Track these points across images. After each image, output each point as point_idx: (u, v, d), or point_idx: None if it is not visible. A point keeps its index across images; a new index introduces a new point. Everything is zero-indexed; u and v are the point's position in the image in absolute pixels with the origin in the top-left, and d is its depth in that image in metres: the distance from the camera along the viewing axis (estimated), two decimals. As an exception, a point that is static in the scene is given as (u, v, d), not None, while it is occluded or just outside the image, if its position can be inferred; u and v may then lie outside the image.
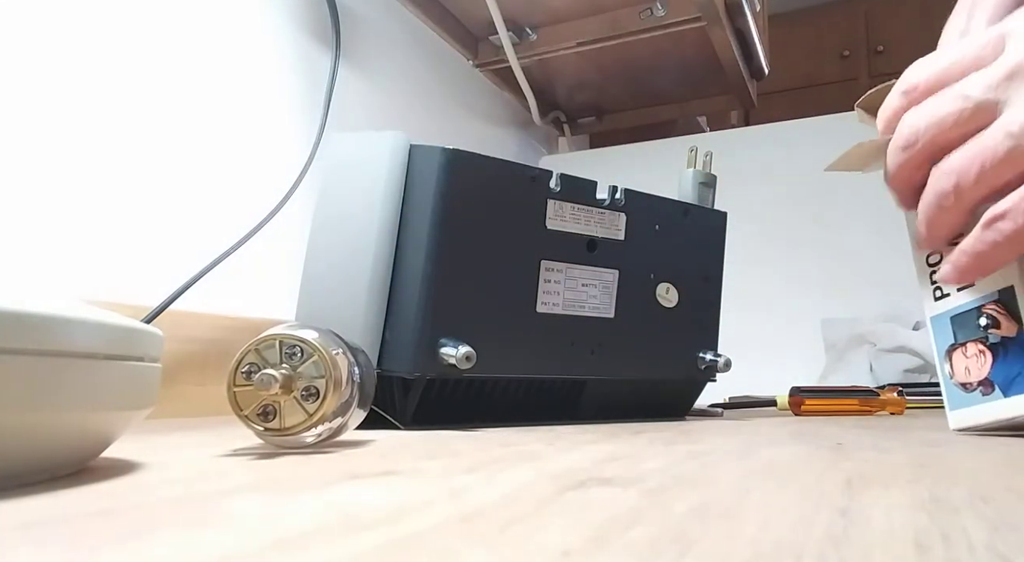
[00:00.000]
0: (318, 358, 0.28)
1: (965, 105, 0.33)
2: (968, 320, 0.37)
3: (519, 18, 0.97)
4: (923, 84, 0.35)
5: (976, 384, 0.36)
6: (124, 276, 0.53)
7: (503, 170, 0.44)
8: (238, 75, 0.65)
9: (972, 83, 0.33)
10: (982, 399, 0.36)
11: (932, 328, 0.39)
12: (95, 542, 0.14)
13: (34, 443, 0.19)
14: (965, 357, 0.37)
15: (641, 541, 0.14)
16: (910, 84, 0.36)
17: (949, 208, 0.34)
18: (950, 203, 0.34)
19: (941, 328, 0.38)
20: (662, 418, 0.53)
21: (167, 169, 0.58)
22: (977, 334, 0.36)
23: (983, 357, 0.36)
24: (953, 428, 0.38)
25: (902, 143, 0.35)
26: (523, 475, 0.22)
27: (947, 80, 0.34)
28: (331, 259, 0.43)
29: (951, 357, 0.38)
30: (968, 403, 0.37)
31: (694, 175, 0.56)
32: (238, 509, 0.17)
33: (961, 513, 0.16)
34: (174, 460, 0.26)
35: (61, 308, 0.20)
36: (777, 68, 1.18)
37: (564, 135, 1.27)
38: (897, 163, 0.36)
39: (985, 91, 0.32)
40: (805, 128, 1.01)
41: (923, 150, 0.35)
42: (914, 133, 0.35)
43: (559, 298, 0.46)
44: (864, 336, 0.84)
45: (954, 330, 0.38)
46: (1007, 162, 0.31)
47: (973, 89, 0.33)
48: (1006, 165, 0.31)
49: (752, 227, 0.92)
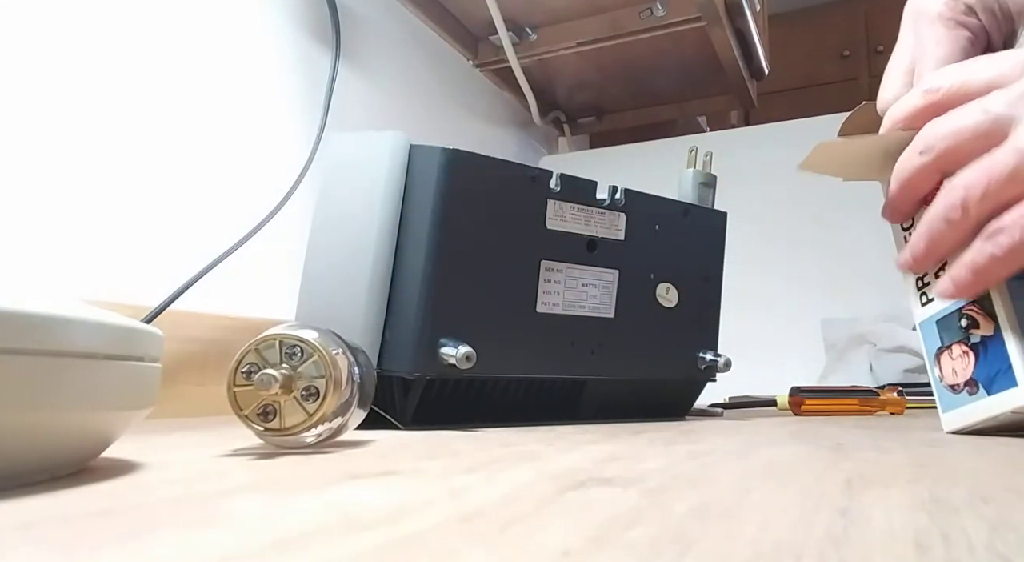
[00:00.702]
0: (318, 358, 0.28)
1: (984, 118, 0.33)
2: (951, 323, 0.38)
3: (519, 18, 0.97)
4: (947, 88, 0.35)
5: (963, 385, 0.37)
6: (124, 276, 0.53)
7: (503, 170, 0.44)
8: (238, 75, 0.65)
9: (993, 98, 0.33)
10: (969, 399, 0.37)
11: (921, 333, 0.40)
12: (95, 542, 0.14)
13: (34, 443, 0.19)
14: (951, 359, 0.38)
15: (641, 541, 0.14)
16: (934, 85, 0.36)
17: (955, 223, 0.34)
18: (957, 217, 0.33)
19: (929, 332, 0.39)
20: (662, 418, 0.53)
21: (167, 169, 0.58)
22: (960, 335, 0.37)
23: (967, 358, 0.37)
24: (947, 430, 0.38)
25: (920, 147, 0.35)
26: (523, 475, 0.22)
27: (969, 89, 0.34)
28: (331, 259, 0.43)
29: (939, 360, 0.39)
30: (958, 404, 0.38)
31: (694, 175, 0.56)
32: (238, 509, 0.17)
33: (961, 513, 0.16)
34: (174, 460, 0.26)
35: (61, 308, 0.20)
36: (777, 68, 1.18)
37: (564, 135, 1.27)
38: (911, 168, 0.36)
39: (1005, 107, 0.32)
40: (805, 128, 1.01)
41: (938, 159, 0.35)
42: (933, 140, 0.35)
43: (559, 298, 0.46)
44: (864, 336, 0.84)
45: (940, 333, 0.39)
46: (1013, 178, 0.31)
47: (994, 104, 0.33)
48: (1012, 181, 0.31)
49: (752, 227, 0.92)
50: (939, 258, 0.36)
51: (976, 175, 0.33)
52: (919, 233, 0.36)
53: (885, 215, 0.40)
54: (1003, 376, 0.35)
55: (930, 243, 0.35)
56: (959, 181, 0.33)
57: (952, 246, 0.35)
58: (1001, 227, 0.32)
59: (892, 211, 0.39)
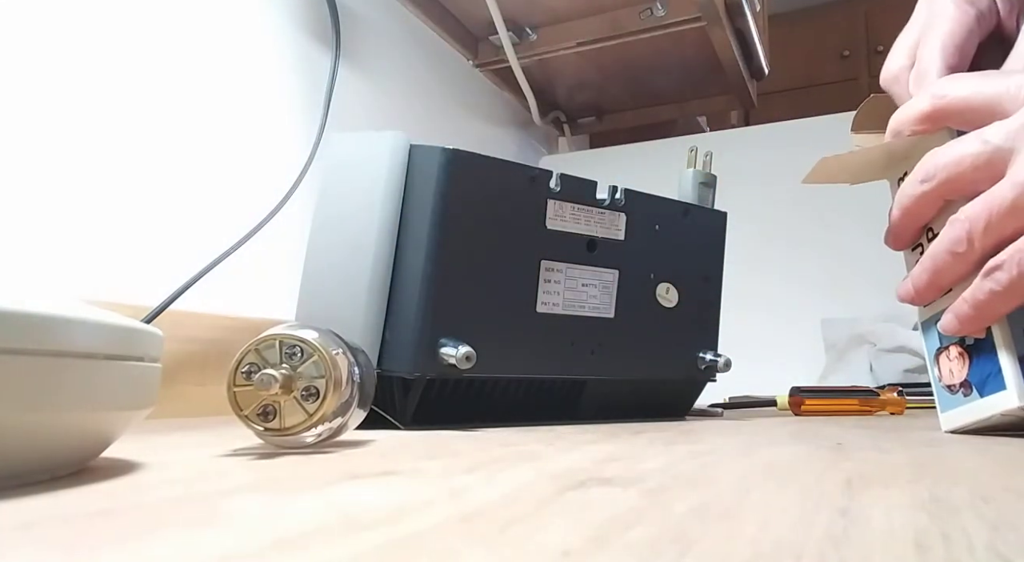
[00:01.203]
0: (318, 358, 0.28)
1: (983, 149, 0.33)
2: None
3: (519, 18, 0.97)
4: (953, 96, 0.36)
5: (959, 386, 0.38)
6: (124, 276, 0.53)
7: (503, 170, 0.44)
8: (238, 75, 0.65)
9: (993, 130, 0.34)
10: (964, 400, 0.37)
11: (923, 336, 0.41)
12: (95, 542, 0.14)
13: (34, 443, 0.19)
14: (948, 360, 0.38)
15: (641, 541, 0.14)
16: (941, 92, 0.36)
17: (961, 256, 0.35)
18: (962, 250, 0.34)
19: (929, 332, 0.40)
20: (662, 418, 0.53)
21: (167, 169, 0.58)
22: (956, 337, 0.37)
23: (962, 359, 0.37)
24: (944, 430, 0.39)
25: (921, 176, 0.36)
26: (523, 475, 0.22)
27: (973, 102, 0.35)
28: (331, 259, 0.43)
29: (938, 360, 0.39)
30: (954, 405, 0.38)
31: (694, 175, 0.56)
32: (238, 509, 0.17)
33: (961, 513, 0.16)
34: (174, 460, 0.26)
35: (61, 308, 0.20)
36: (777, 68, 1.18)
37: (564, 135, 1.27)
38: (912, 195, 0.37)
39: (1004, 139, 0.33)
40: (805, 128, 1.01)
41: (939, 187, 0.35)
42: (934, 169, 0.35)
43: (559, 298, 0.46)
44: (864, 336, 0.84)
45: (939, 335, 0.39)
46: (1012, 212, 0.32)
47: (994, 136, 0.33)
48: (1011, 215, 0.32)
49: (752, 227, 0.92)
50: (941, 290, 0.37)
51: (977, 209, 0.33)
52: (923, 266, 0.37)
53: (888, 242, 0.41)
54: (993, 379, 0.35)
55: (934, 275, 0.36)
56: (963, 215, 0.34)
57: (955, 279, 0.36)
58: (999, 264, 0.33)
59: (894, 238, 0.40)
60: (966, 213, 0.34)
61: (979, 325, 0.36)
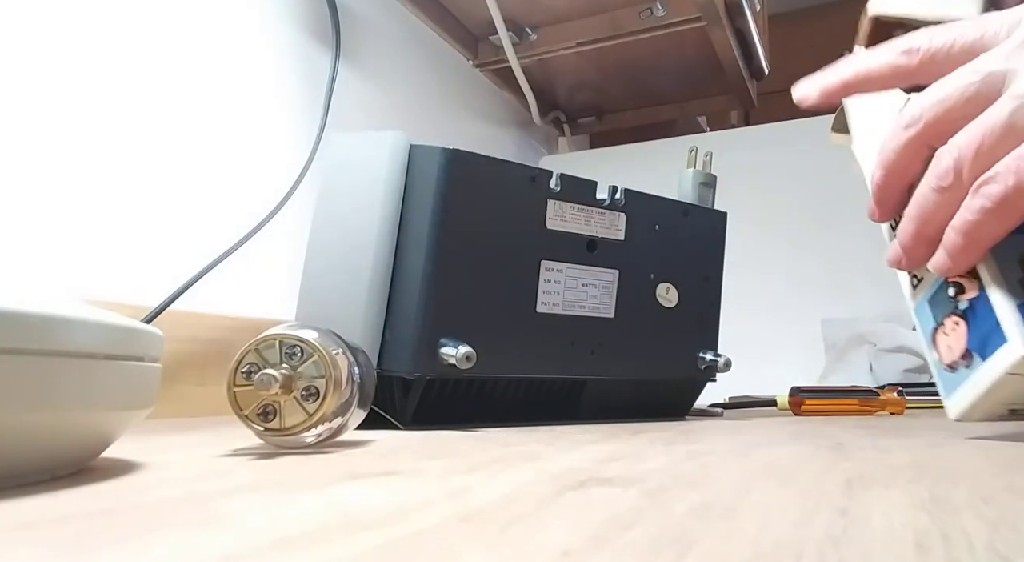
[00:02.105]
0: (318, 358, 0.28)
1: (973, 79, 0.30)
2: (941, 297, 0.36)
3: (519, 18, 0.97)
4: (927, 46, 0.32)
5: (959, 358, 0.35)
6: (124, 276, 0.53)
7: (503, 170, 0.44)
8: (238, 75, 0.65)
9: (983, 58, 0.30)
10: (967, 373, 0.35)
11: (918, 321, 0.38)
12: (95, 542, 0.14)
13: (34, 443, 0.19)
14: (945, 335, 0.36)
15: (641, 541, 0.14)
16: (912, 46, 0.33)
17: (947, 191, 0.30)
18: (949, 183, 0.30)
19: (923, 315, 0.38)
20: (662, 418, 0.53)
21: (167, 169, 0.58)
22: (950, 307, 0.35)
23: (958, 327, 0.35)
24: (952, 417, 0.37)
25: (905, 122, 0.32)
26: (523, 475, 0.22)
27: (953, 50, 0.31)
28: (331, 259, 0.43)
29: (936, 341, 0.37)
30: (957, 384, 0.36)
31: (694, 175, 0.56)
32: (238, 509, 0.17)
33: (961, 513, 0.16)
34: (174, 460, 0.26)
35: (61, 308, 0.20)
36: (777, 68, 1.18)
37: (564, 135, 1.27)
38: (896, 147, 0.33)
39: (1000, 61, 0.29)
40: (805, 128, 1.01)
41: (926, 129, 0.31)
42: (919, 110, 0.31)
43: (559, 298, 0.46)
44: (864, 336, 0.84)
45: (932, 311, 0.37)
46: (1007, 131, 0.28)
47: (985, 63, 0.30)
48: (1006, 136, 0.28)
49: (752, 227, 0.92)
50: (930, 243, 0.33)
51: (968, 135, 0.29)
52: (907, 215, 0.33)
53: (871, 213, 0.36)
54: (993, 335, 0.33)
55: (920, 224, 0.32)
56: (951, 143, 0.30)
57: (945, 224, 0.31)
58: (993, 175, 0.28)
59: (879, 203, 0.35)
60: (955, 140, 0.30)
61: (972, 256, 0.31)
